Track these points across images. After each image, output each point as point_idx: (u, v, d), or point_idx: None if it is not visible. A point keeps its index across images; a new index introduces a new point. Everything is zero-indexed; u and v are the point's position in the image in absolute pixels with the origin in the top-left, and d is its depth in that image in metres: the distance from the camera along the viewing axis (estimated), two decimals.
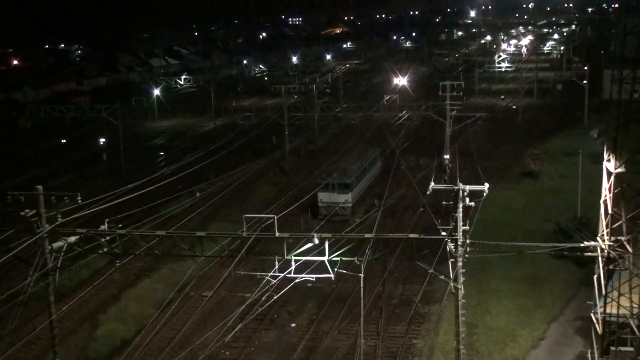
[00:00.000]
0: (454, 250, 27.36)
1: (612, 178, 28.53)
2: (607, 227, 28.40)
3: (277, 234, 29.43)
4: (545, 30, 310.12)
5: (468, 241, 27.43)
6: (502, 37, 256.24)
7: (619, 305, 28.86)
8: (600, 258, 28.63)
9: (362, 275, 31.03)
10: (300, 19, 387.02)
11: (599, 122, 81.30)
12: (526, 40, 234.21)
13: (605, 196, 29.01)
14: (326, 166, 72.82)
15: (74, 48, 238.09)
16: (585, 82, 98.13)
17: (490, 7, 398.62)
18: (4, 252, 27.84)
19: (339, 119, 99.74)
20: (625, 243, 27.97)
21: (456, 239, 27.16)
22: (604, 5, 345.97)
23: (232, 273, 46.79)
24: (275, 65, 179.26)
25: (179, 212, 55.96)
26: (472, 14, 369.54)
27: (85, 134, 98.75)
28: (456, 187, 26.98)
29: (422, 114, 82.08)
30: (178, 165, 68.61)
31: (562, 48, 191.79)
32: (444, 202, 29.12)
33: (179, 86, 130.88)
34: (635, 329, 29.50)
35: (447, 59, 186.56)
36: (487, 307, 41.72)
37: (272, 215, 30.08)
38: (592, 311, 30.75)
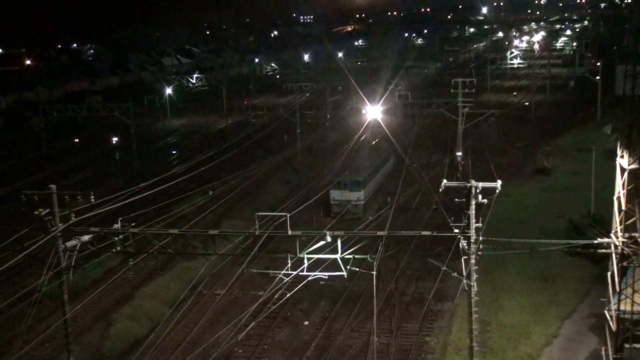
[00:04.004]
0: (466, 247, 27.29)
1: (626, 174, 28.42)
2: (620, 224, 28.28)
3: (289, 232, 29.41)
4: (558, 26, 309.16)
5: (481, 238, 27.34)
6: (515, 33, 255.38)
7: (633, 302, 28.74)
8: (614, 255, 28.50)
9: (374, 273, 31.00)
10: (312, 17, 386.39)
11: (612, 118, 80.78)
12: (538, 37, 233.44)
13: (619, 192, 28.88)
14: (338, 164, 72.72)
15: (86, 47, 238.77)
16: (598, 78, 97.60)
17: (502, 4, 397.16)
18: (18, 251, 27.96)
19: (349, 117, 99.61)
20: (639, 240, 27.82)
21: (469, 236, 27.08)
22: (617, 0, 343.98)
23: (244, 271, 46.85)
24: (286, 63, 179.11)
25: (191, 210, 56.09)
26: (484, 10, 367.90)
27: (98, 133, 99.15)
28: (468, 184, 26.89)
29: (434, 111, 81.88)
30: (190, 164, 68.75)
31: (574, 44, 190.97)
32: (456, 200, 29.05)
33: (190, 85, 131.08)
34: None
35: (461, 55, 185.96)
36: (500, 304, 41.57)
37: (285, 214, 30.06)
38: (606, 308, 30.60)
